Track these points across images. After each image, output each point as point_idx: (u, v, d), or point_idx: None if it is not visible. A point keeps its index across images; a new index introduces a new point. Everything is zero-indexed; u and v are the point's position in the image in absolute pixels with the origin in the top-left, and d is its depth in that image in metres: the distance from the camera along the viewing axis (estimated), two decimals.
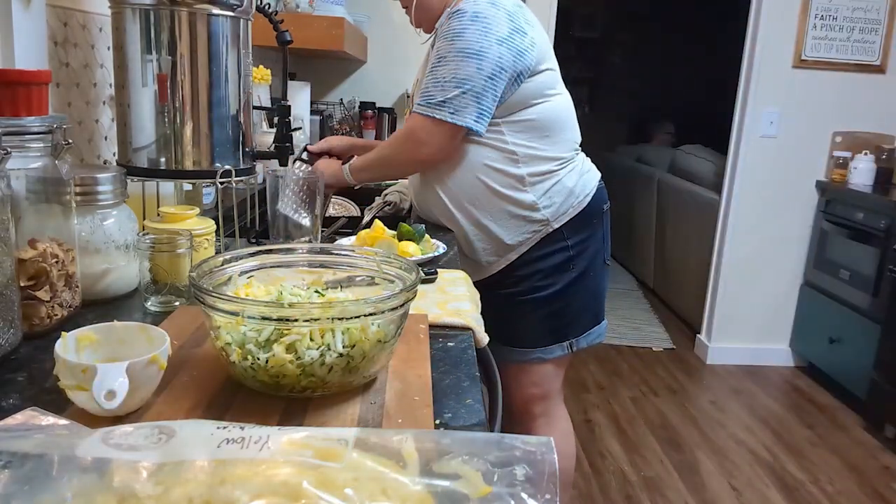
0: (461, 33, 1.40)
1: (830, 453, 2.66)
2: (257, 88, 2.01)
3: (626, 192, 4.90)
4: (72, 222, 0.92)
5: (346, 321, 0.68)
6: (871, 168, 3.16)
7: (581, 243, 1.58)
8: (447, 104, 1.40)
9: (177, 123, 1.13)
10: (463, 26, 1.40)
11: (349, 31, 2.27)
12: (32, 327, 0.84)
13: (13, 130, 0.83)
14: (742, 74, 3.25)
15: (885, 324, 2.77)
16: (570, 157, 1.57)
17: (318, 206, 1.25)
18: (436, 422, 0.70)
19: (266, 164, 1.82)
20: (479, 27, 1.39)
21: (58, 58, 1.22)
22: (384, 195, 1.85)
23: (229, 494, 0.42)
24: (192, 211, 1.08)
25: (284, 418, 0.68)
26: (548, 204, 1.53)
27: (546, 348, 1.62)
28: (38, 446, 0.46)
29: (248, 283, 0.81)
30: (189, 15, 1.09)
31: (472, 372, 0.83)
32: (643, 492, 2.33)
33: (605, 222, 1.66)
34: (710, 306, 3.50)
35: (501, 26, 1.40)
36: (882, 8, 3.13)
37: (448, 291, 1.13)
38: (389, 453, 0.46)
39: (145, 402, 0.69)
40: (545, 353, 1.62)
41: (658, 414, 2.90)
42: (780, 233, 3.36)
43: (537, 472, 0.44)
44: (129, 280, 1.02)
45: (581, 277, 1.60)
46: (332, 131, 2.93)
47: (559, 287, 1.58)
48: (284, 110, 1.26)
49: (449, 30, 1.42)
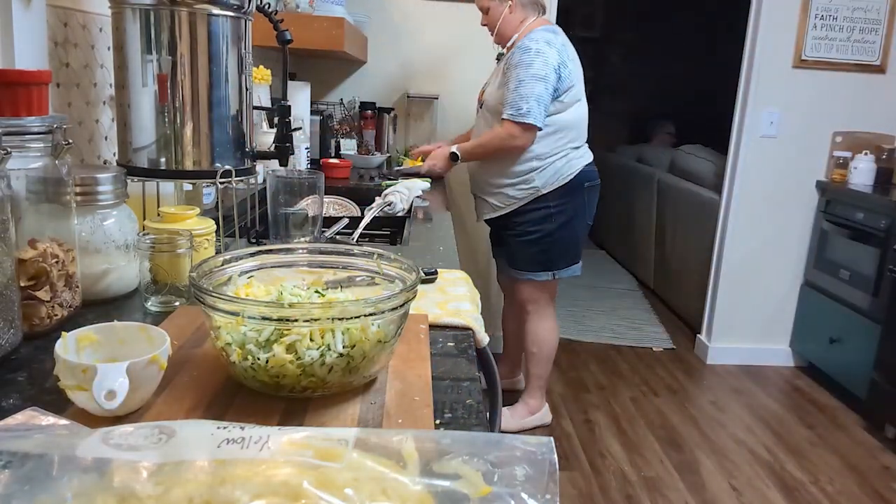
0: (531, 64, 2.13)
1: (830, 453, 2.66)
2: (257, 88, 2.01)
3: (626, 192, 4.90)
4: (72, 222, 0.92)
5: (346, 321, 0.68)
6: (871, 168, 3.16)
7: (561, 205, 2.32)
8: (530, 114, 2.14)
9: (177, 123, 1.13)
10: (531, 59, 2.13)
11: (349, 31, 2.27)
12: (32, 327, 0.84)
13: (13, 130, 0.83)
14: (742, 74, 3.25)
15: (885, 324, 2.77)
16: (565, 152, 2.29)
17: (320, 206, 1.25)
18: (436, 422, 0.70)
19: (266, 164, 1.82)
20: (542, 60, 2.13)
21: (58, 58, 1.22)
22: (384, 195, 1.85)
23: (229, 494, 0.42)
24: (192, 211, 1.08)
25: (284, 418, 0.68)
26: (539, 177, 2.29)
27: (536, 273, 2.43)
28: (39, 446, 0.46)
29: (248, 284, 0.81)
30: (189, 15, 1.09)
31: (472, 372, 0.83)
32: (643, 492, 2.33)
33: (587, 195, 2.37)
34: (710, 306, 3.50)
35: (554, 59, 2.15)
36: (882, 8, 3.13)
37: (448, 291, 1.13)
38: (389, 453, 0.46)
39: (145, 402, 0.69)
40: (535, 276, 2.43)
41: (658, 414, 2.90)
42: (780, 233, 3.36)
43: (537, 472, 0.44)
44: (129, 280, 1.02)
45: (560, 229, 2.35)
46: (332, 131, 2.93)
47: (543, 233, 2.36)
48: (284, 110, 1.26)
49: (520, 61, 2.14)
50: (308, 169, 2.36)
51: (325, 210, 1.79)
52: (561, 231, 2.34)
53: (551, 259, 2.39)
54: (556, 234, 2.34)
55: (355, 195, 2.08)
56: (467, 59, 3.07)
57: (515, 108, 2.14)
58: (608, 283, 4.64)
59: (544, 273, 2.40)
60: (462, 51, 3.07)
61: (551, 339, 2.57)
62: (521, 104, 2.13)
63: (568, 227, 2.34)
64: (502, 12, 2.25)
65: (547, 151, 2.25)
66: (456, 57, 3.09)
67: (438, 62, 3.11)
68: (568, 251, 2.39)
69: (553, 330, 2.57)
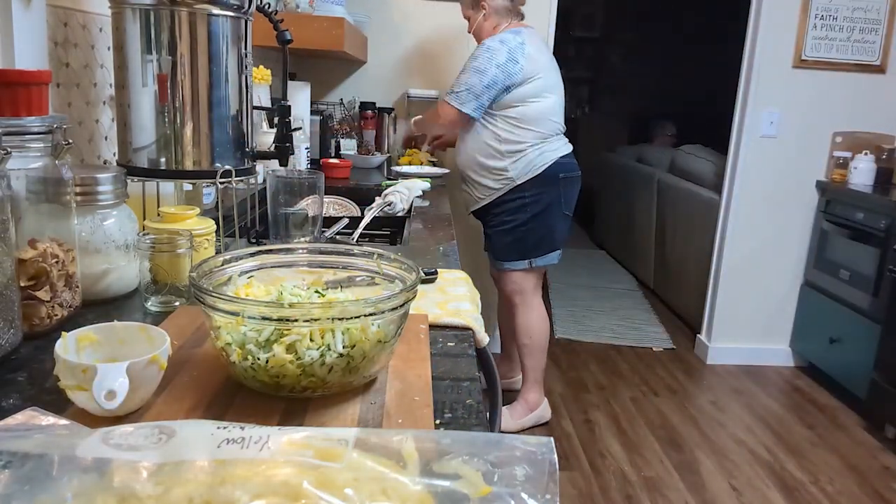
0: (476, 58, 2.34)
1: (830, 453, 2.66)
2: (257, 88, 2.01)
3: (627, 192, 4.90)
4: (72, 222, 0.92)
5: (346, 321, 0.68)
6: (871, 168, 3.16)
7: (535, 195, 2.43)
8: (457, 97, 2.35)
9: (177, 123, 1.13)
10: (479, 54, 2.34)
11: (349, 32, 2.27)
12: (32, 327, 0.84)
13: (13, 130, 0.83)
14: (742, 74, 3.25)
15: (885, 324, 2.77)
16: (536, 143, 2.40)
17: (320, 206, 1.25)
18: (436, 422, 0.70)
19: (266, 164, 1.82)
20: (488, 56, 2.32)
21: (58, 58, 1.22)
22: (384, 195, 1.85)
23: (229, 494, 0.42)
24: (193, 211, 1.08)
25: (284, 418, 0.68)
26: (513, 168, 2.41)
27: (514, 262, 2.54)
28: (39, 446, 0.46)
29: (248, 284, 0.81)
30: (189, 15, 1.09)
31: (472, 372, 0.83)
32: (643, 492, 2.33)
33: (564, 186, 2.47)
34: (710, 306, 3.50)
35: (501, 56, 2.31)
36: (882, 8, 3.13)
37: (448, 291, 1.13)
38: (389, 453, 0.46)
39: (145, 402, 0.69)
40: (513, 265, 2.54)
41: (658, 414, 2.90)
42: (780, 233, 3.36)
43: (537, 472, 0.44)
44: (129, 280, 1.02)
45: (535, 218, 2.46)
46: (332, 131, 2.93)
47: (518, 222, 2.48)
48: (284, 110, 1.26)
49: (472, 56, 2.38)
50: (308, 169, 2.36)
51: (325, 210, 1.79)
52: (536, 220, 2.45)
53: (527, 248, 2.50)
54: (530, 223, 2.46)
55: (355, 195, 2.08)
56: None
57: (450, 89, 2.39)
58: (608, 283, 4.64)
59: (521, 261, 2.51)
60: (462, 51, 3.06)
61: (541, 328, 2.64)
62: (455, 87, 2.36)
63: (543, 217, 2.46)
64: (478, 20, 2.48)
65: (517, 143, 2.38)
66: (456, 57, 3.09)
67: (439, 62, 3.11)
68: (544, 240, 2.49)
69: (541, 319, 2.64)
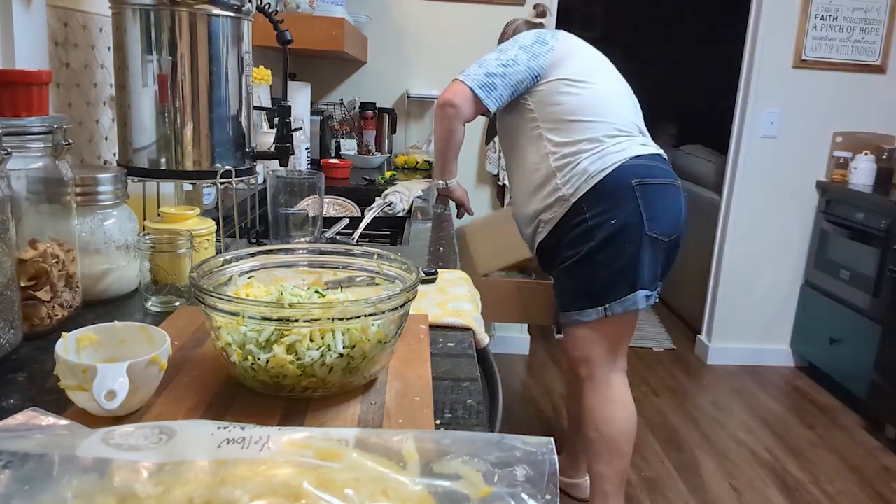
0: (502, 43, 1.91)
1: (831, 454, 2.66)
2: (257, 88, 2.01)
3: None
4: (72, 222, 0.92)
5: (346, 321, 0.68)
6: (871, 168, 3.16)
7: (600, 215, 1.71)
8: (465, 72, 1.81)
9: (177, 124, 1.13)
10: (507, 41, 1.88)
11: (349, 32, 2.27)
12: (33, 327, 0.84)
13: (14, 131, 0.83)
14: (742, 74, 3.25)
15: (885, 324, 2.77)
16: (593, 145, 1.74)
17: (320, 206, 1.25)
18: (436, 422, 0.70)
19: (266, 164, 1.82)
20: (513, 40, 1.85)
21: (58, 58, 1.22)
22: (384, 195, 1.85)
23: (230, 495, 0.42)
24: (193, 211, 1.08)
25: (285, 418, 0.68)
26: (564, 181, 1.75)
27: (581, 311, 1.79)
28: (39, 446, 0.46)
29: (248, 284, 0.81)
30: (189, 15, 1.09)
31: (472, 372, 0.83)
32: (643, 492, 2.33)
33: (643, 196, 1.72)
34: (710, 306, 3.50)
35: (526, 39, 1.83)
36: (882, 8, 3.13)
37: (448, 291, 1.13)
38: (390, 454, 0.46)
39: (146, 402, 0.69)
40: (581, 315, 1.80)
41: (658, 414, 2.90)
42: (781, 233, 3.36)
43: (537, 473, 0.44)
44: (129, 280, 1.02)
45: (604, 246, 1.72)
46: (333, 131, 2.93)
47: (583, 254, 1.74)
48: (284, 110, 1.26)
49: None
50: (308, 169, 2.36)
51: (326, 210, 1.79)
52: (607, 249, 1.72)
53: (598, 289, 1.76)
54: (599, 254, 1.72)
55: (355, 195, 2.08)
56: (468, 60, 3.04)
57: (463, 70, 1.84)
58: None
59: (591, 310, 1.78)
60: (462, 51, 3.07)
61: (618, 418, 1.87)
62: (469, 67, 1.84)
63: (617, 243, 1.71)
64: None
65: (567, 144, 1.75)
66: (456, 57, 3.09)
67: (438, 62, 3.11)
68: (622, 275, 1.74)
69: (622, 406, 1.88)
